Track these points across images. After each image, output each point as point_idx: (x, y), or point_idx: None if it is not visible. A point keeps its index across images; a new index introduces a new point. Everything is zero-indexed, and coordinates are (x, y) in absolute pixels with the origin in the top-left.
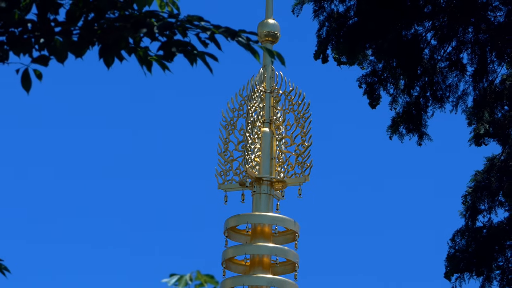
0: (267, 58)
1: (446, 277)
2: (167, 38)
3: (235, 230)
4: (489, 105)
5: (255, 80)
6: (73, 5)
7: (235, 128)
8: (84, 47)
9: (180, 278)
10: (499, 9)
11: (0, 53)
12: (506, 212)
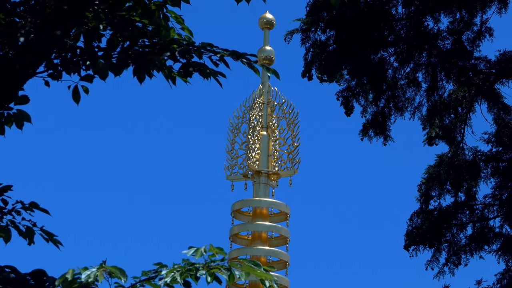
0: (265, 76)
1: (405, 248)
2: (186, 60)
3: (239, 212)
4: (439, 114)
5: (255, 94)
6: (113, 35)
7: (240, 131)
8: (122, 67)
9: (197, 250)
10: (447, 38)
11: (55, 73)
12: (452, 198)
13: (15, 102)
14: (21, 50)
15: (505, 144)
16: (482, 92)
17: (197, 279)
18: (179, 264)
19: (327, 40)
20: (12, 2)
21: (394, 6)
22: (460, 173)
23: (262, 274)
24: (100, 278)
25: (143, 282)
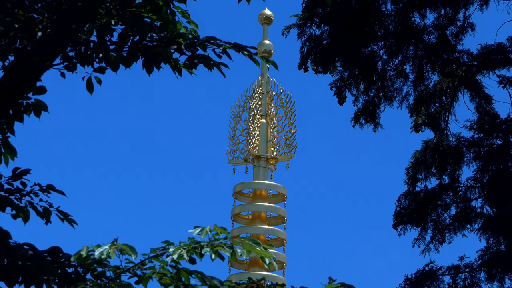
0: (264, 68)
1: (394, 227)
2: (191, 53)
3: (240, 193)
4: (425, 103)
5: (255, 84)
6: (124, 30)
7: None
8: (132, 60)
9: (202, 229)
10: (432, 33)
11: (70, 65)
12: (437, 180)
13: (33, 92)
14: (38, 44)
15: (486, 130)
16: (465, 82)
17: (201, 256)
18: (185, 242)
19: (322, 34)
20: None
21: (384, 3)
22: (444, 158)
23: (262, 252)
24: (112, 255)
25: (151, 258)
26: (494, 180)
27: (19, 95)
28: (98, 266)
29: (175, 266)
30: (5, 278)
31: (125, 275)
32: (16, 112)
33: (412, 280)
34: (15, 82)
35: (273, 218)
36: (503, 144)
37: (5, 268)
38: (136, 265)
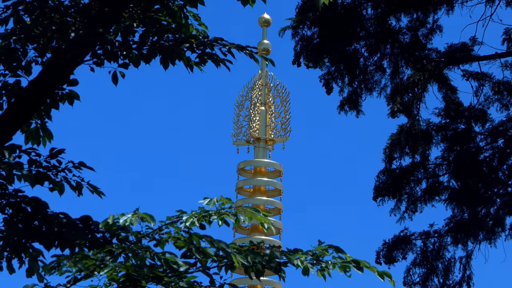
0: (263, 64)
1: (374, 199)
2: (201, 51)
3: (243, 170)
4: (400, 93)
5: (255, 77)
6: (144, 31)
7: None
8: (150, 57)
9: (210, 200)
10: (406, 34)
11: (99, 61)
12: (410, 159)
13: (67, 84)
14: (72, 43)
15: (452, 117)
16: (434, 76)
17: (210, 223)
18: (196, 211)
19: (312, 35)
20: (65, 5)
21: (365, 9)
22: (416, 140)
23: (262, 219)
24: (134, 222)
25: (167, 225)
26: (458, 159)
27: (55, 87)
28: (122, 231)
29: (187, 232)
30: (44, 242)
31: (145, 239)
32: (52, 101)
33: (389, 244)
34: (52, 76)
35: (271, 191)
36: (466, 128)
37: (43, 234)
38: (154, 231)
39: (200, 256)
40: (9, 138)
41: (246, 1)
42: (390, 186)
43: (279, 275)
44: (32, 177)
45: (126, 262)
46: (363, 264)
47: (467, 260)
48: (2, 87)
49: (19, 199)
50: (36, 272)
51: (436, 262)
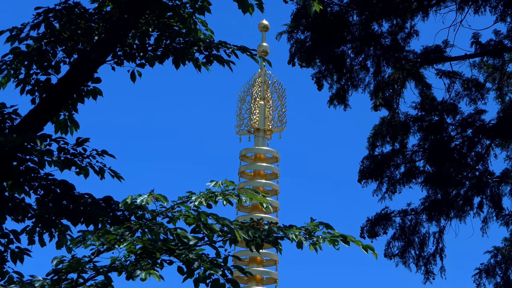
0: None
1: (359, 181)
2: (208, 53)
3: (245, 156)
4: (382, 89)
5: (255, 76)
6: (158, 35)
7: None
8: (164, 58)
9: (216, 182)
10: (387, 37)
11: (119, 61)
12: (390, 146)
13: (91, 81)
14: (95, 46)
15: (427, 109)
16: (411, 74)
17: (216, 203)
18: (204, 192)
19: (305, 38)
20: (89, 12)
21: (351, 15)
22: (396, 130)
23: (261, 199)
24: (149, 202)
25: (179, 204)
26: (432, 146)
27: (81, 84)
28: (139, 210)
29: (196, 210)
30: (71, 219)
31: (159, 217)
32: (78, 96)
33: (372, 220)
34: (78, 74)
35: (269, 175)
36: (439, 120)
37: (71, 212)
38: (167, 209)
39: (207, 232)
40: (41, 129)
41: (246, 10)
42: (373, 170)
43: (276, 248)
44: (61, 162)
45: (143, 236)
46: (350, 239)
47: (439, 235)
48: (35, 84)
49: (49, 181)
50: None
51: (413, 237)
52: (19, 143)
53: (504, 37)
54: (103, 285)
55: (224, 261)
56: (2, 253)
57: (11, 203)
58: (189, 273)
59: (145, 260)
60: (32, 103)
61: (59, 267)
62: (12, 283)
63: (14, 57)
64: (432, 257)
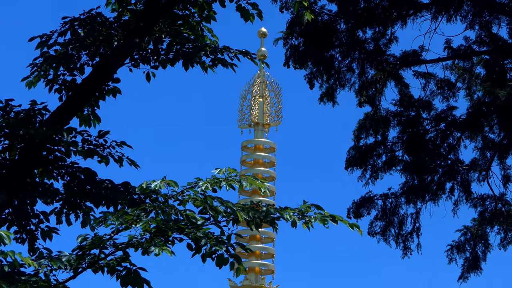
0: (261, 65)
1: (345, 169)
2: (214, 56)
3: (246, 147)
4: (366, 88)
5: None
6: (170, 41)
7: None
8: (175, 61)
9: (220, 170)
10: (370, 43)
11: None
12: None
13: (111, 81)
14: (115, 50)
15: (405, 106)
16: (391, 75)
17: (220, 187)
18: (210, 178)
19: (299, 44)
20: (109, 21)
21: (338, 24)
22: (378, 124)
23: (260, 184)
24: (162, 187)
25: (188, 189)
26: (410, 138)
27: (102, 83)
28: (153, 194)
29: (203, 194)
30: (94, 201)
31: (171, 200)
32: (100, 94)
33: (357, 203)
34: (100, 75)
35: (267, 163)
36: (416, 115)
37: (93, 195)
38: (178, 193)
39: (213, 213)
40: (67, 123)
41: (247, 18)
42: (358, 159)
43: (273, 227)
44: (85, 152)
45: (156, 217)
46: (338, 218)
47: (416, 216)
48: (62, 84)
49: (74, 169)
50: (88, 224)
51: (393, 217)
52: (48, 135)
53: (473, 43)
54: (121, 259)
55: (228, 239)
56: (33, 232)
57: (41, 188)
58: (197, 249)
59: (158, 237)
60: (60, 100)
61: (83, 244)
62: (42, 258)
63: (44, 60)
64: (409, 235)
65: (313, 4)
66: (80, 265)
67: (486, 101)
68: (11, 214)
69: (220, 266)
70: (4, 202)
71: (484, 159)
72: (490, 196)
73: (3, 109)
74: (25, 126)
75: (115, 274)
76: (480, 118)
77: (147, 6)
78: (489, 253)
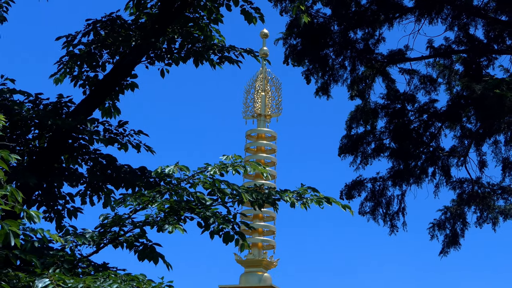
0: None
1: (338, 155)
2: (221, 54)
3: (250, 136)
4: (356, 83)
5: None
6: (182, 41)
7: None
8: (187, 59)
9: (227, 156)
10: (360, 43)
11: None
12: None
13: (130, 77)
14: (133, 49)
15: (391, 99)
16: (379, 71)
17: (227, 172)
18: (217, 164)
19: (297, 44)
20: (128, 23)
21: (332, 25)
22: (367, 115)
23: (262, 169)
24: (175, 171)
25: (198, 173)
26: (396, 128)
27: (122, 79)
28: (167, 177)
29: (212, 178)
30: (114, 184)
31: (183, 183)
32: (120, 88)
33: (349, 186)
34: (119, 71)
35: (268, 150)
36: (401, 107)
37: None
38: (189, 177)
39: (220, 194)
40: (90, 114)
41: (251, 21)
42: (349, 146)
43: (274, 207)
44: (106, 140)
45: (170, 198)
46: (331, 200)
47: (402, 197)
48: (85, 79)
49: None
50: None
51: (381, 198)
52: (73, 125)
53: (452, 43)
54: (139, 236)
55: (234, 218)
56: (60, 211)
57: (67, 172)
58: (206, 227)
59: (171, 216)
60: (83, 94)
61: (104, 222)
62: (68, 235)
63: (69, 59)
64: (396, 214)
65: (310, 8)
66: (102, 241)
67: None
68: (41, 196)
69: (227, 242)
70: (34, 185)
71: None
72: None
73: (33, 102)
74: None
75: (133, 249)
76: (458, 109)
77: (161, 10)
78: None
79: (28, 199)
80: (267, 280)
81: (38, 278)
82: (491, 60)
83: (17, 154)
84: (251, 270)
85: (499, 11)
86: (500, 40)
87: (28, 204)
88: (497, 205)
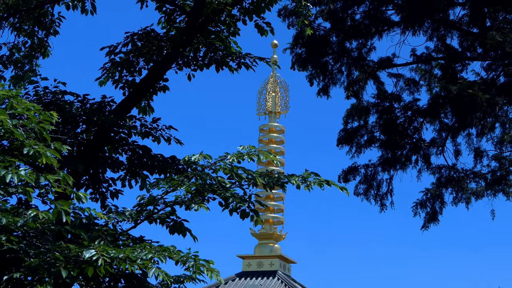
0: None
1: (337, 145)
2: (238, 61)
3: (262, 129)
4: (352, 85)
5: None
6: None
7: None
8: (209, 65)
9: (243, 147)
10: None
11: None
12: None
13: (162, 81)
14: (164, 57)
15: (381, 98)
16: (371, 75)
17: (243, 160)
18: (235, 153)
19: (302, 52)
20: (160, 35)
21: (331, 37)
22: (361, 112)
23: (273, 158)
24: (200, 159)
25: (219, 161)
26: (385, 123)
27: (155, 82)
28: (193, 164)
29: (230, 164)
30: (149, 170)
31: (207, 169)
32: (153, 90)
33: (345, 171)
34: (153, 76)
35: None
36: (389, 105)
37: (149, 166)
38: (212, 164)
39: (238, 179)
40: (129, 111)
41: (263, 33)
42: (346, 138)
43: (283, 189)
44: (142, 133)
45: (196, 182)
46: (331, 182)
47: (390, 181)
48: (125, 83)
49: (134, 146)
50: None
51: (372, 182)
52: (115, 121)
53: (432, 51)
54: (170, 213)
55: (249, 198)
56: (104, 193)
57: (110, 160)
58: (226, 206)
59: (197, 197)
60: (123, 95)
61: (141, 202)
62: (110, 212)
63: (111, 65)
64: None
65: (312, 22)
66: (139, 218)
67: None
68: (88, 180)
69: (243, 218)
70: (82, 171)
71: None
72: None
73: (81, 101)
74: (97, 114)
75: (165, 224)
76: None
77: (188, 24)
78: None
79: (77, 183)
80: (277, 250)
81: (85, 249)
82: (464, 66)
83: (68, 145)
84: (264, 242)
85: (471, 24)
86: (472, 49)
87: (77, 187)
88: (470, 187)
